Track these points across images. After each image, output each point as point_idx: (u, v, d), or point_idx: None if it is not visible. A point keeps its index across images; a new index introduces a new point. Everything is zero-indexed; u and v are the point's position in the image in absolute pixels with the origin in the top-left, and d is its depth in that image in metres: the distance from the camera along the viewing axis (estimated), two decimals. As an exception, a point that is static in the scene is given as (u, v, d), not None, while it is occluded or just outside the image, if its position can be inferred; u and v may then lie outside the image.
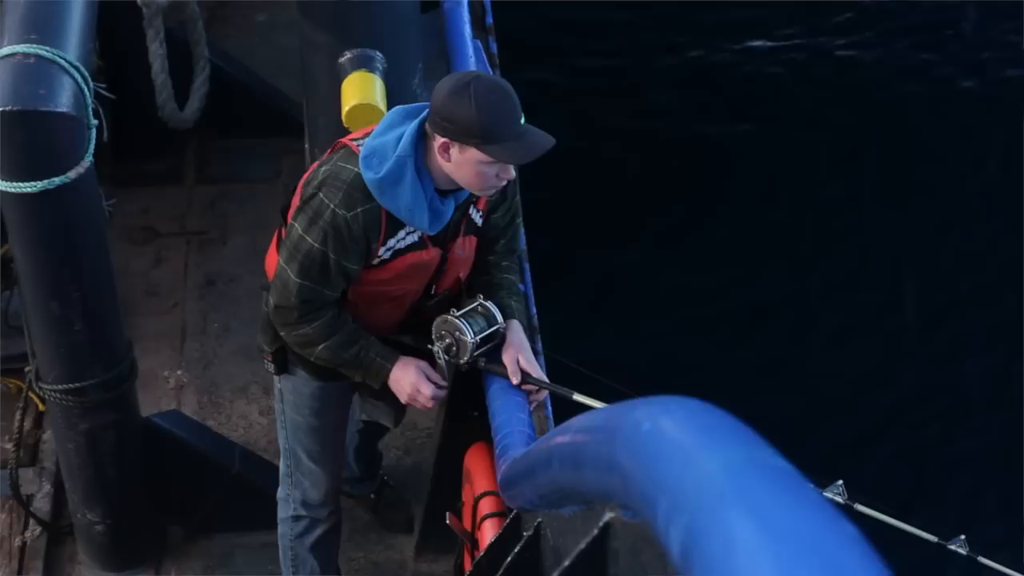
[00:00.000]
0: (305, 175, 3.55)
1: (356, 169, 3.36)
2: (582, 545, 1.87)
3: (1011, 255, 7.15)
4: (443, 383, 3.64)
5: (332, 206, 3.36)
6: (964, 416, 6.73)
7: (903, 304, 7.20)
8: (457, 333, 3.50)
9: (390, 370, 3.61)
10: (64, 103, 3.50)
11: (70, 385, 4.08)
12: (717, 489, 1.15)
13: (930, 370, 6.90)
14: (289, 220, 3.51)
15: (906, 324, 7.12)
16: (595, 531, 1.83)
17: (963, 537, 3.44)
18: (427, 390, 3.61)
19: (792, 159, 7.74)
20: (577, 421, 1.91)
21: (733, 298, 7.10)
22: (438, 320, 3.54)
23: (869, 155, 7.86)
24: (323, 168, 3.45)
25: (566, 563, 1.93)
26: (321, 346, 3.58)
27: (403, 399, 3.66)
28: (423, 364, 3.63)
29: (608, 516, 1.81)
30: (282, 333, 3.65)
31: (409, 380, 3.61)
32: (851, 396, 6.73)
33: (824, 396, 6.68)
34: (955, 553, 3.43)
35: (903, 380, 6.87)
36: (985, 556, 3.45)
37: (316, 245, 3.40)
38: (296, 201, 3.51)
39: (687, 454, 1.25)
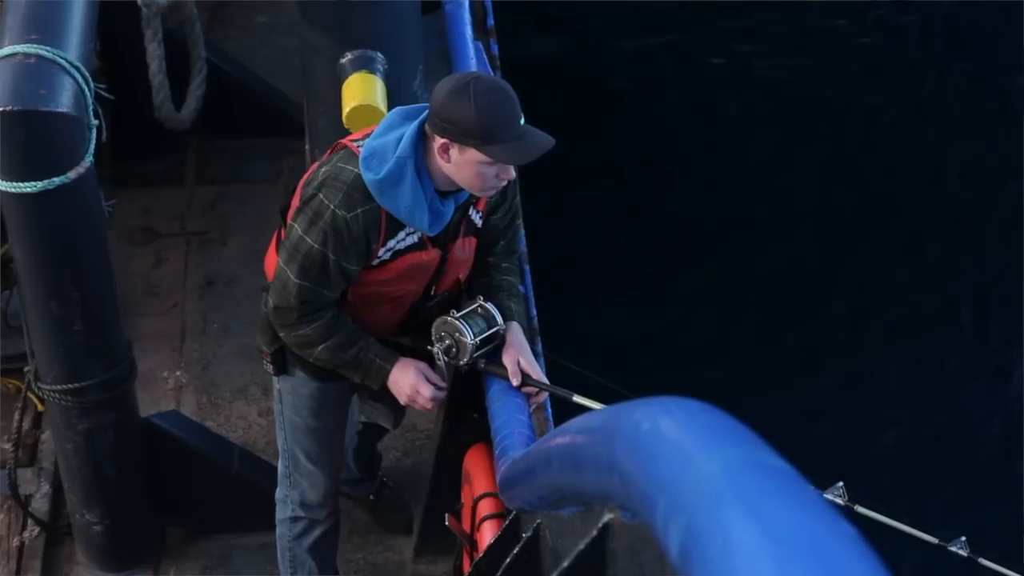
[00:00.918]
0: (305, 176, 3.55)
1: (356, 170, 3.36)
2: (581, 546, 1.87)
3: (1009, 254, 7.13)
4: (442, 384, 3.64)
5: (332, 207, 3.36)
6: (964, 418, 6.73)
7: (900, 305, 7.19)
8: (457, 334, 3.50)
9: (389, 371, 3.61)
10: (65, 103, 3.50)
11: (69, 385, 4.07)
12: (716, 489, 1.15)
13: (928, 372, 6.90)
14: (289, 221, 3.51)
15: (904, 326, 7.11)
16: (594, 532, 1.83)
17: (964, 538, 3.43)
18: (426, 391, 3.60)
19: (793, 164, 7.74)
20: (576, 422, 1.91)
21: (737, 301, 7.10)
22: (438, 321, 3.54)
23: (859, 158, 7.87)
24: (323, 169, 3.45)
25: (565, 564, 1.93)
26: (320, 347, 3.58)
27: (402, 400, 3.66)
28: (422, 365, 3.63)
29: (607, 517, 1.81)
30: (281, 334, 3.64)
31: (408, 381, 3.60)
32: (852, 400, 6.73)
33: (823, 398, 6.68)
34: (956, 555, 3.43)
35: (901, 382, 6.87)
36: (986, 557, 3.45)
37: (316, 246, 3.40)
38: (296, 202, 3.50)
39: (686, 454, 1.24)
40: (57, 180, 3.55)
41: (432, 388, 3.61)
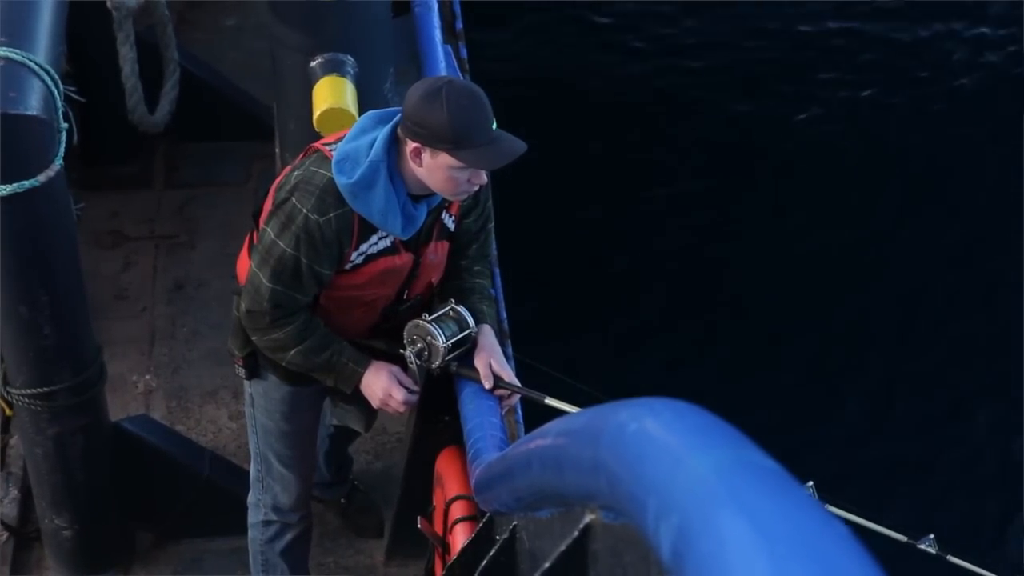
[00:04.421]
0: (277, 179, 3.55)
1: (329, 174, 3.37)
2: (562, 547, 1.87)
3: (1006, 256, 7.16)
4: (415, 388, 3.64)
5: (305, 210, 3.36)
6: (936, 417, 6.76)
7: (884, 303, 7.22)
8: (429, 338, 3.50)
9: (362, 375, 3.62)
10: (34, 106, 3.49)
11: (39, 389, 4.06)
12: (708, 489, 1.16)
13: (900, 373, 6.93)
14: (261, 225, 3.51)
15: (885, 324, 7.14)
16: (575, 533, 1.84)
17: (932, 536, 3.46)
18: (399, 395, 3.61)
19: (770, 163, 7.77)
20: (558, 424, 1.91)
21: (707, 301, 7.12)
22: (410, 325, 3.54)
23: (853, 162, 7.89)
24: (296, 172, 3.45)
25: (546, 565, 1.93)
26: (293, 351, 3.57)
27: (375, 404, 3.67)
28: (395, 369, 3.63)
29: (588, 518, 1.81)
30: (254, 338, 3.64)
31: (381, 385, 3.61)
32: (821, 397, 6.76)
33: (795, 398, 6.69)
34: (925, 552, 3.45)
35: (872, 381, 6.90)
36: (954, 555, 3.47)
37: (288, 250, 3.40)
38: (268, 205, 3.50)
39: (676, 455, 1.25)
40: (27, 183, 3.54)
41: (404, 392, 3.62)
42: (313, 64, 4.40)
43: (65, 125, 3.63)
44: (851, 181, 7.73)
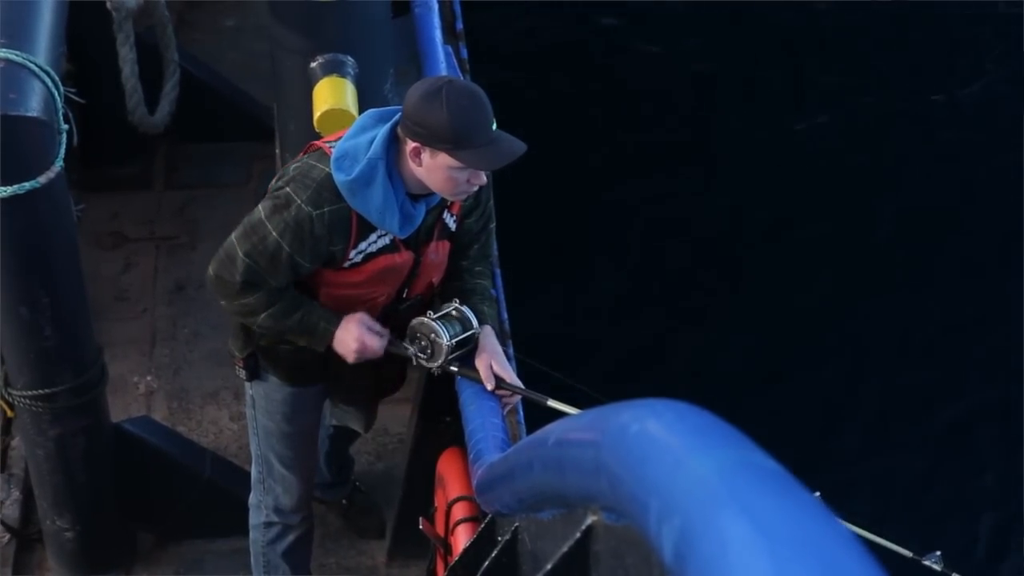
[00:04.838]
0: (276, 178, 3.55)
1: (327, 169, 3.37)
2: (564, 548, 1.87)
3: (1008, 260, 7.15)
4: (385, 332, 3.59)
5: (299, 201, 3.36)
6: (939, 431, 6.72)
7: (886, 305, 7.20)
8: (433, 336, 3.49)
9: (334, 332, 3.58)
10: (34, 108, 3.49)
11: (40, 391, 4.06)
12: (710, 490, 1.16)
13: (904, 384, 6.90)
14: None
15: (887, 330, 7.12)
16: (577, 534, 1.83)
17: (939, 553, 3.41)
18: (372, 342, 3.55)
19: (767, 165, 7.75)
20: (559, 425, 1.91)
21: (708, 304, 7.10)
22: (414, 322, 3.53)
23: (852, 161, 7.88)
24: (294, 166, 3.45)
25: (548, 566, 1.93)
26: (263, 314, 3.53)
27: (350, 358, 3.58)
28: (364, 316, 3.57)
29: (590, 519, 1.81)
30: (222, 303, 3.60)
31: (352, 336, 3.54)
32: (827, 408, 6.73)
33: (799, 407, 6.67)
34: (930, 569, 3.41)
35: (875, 391, 6.87)
36: (960, 572, 3.43)
37: (273, 234, 3.38)
38: (267, 200, 3.50)
39: (678, 456, 1.25)
40: (27, 185, 3.54)
41: (377, 337, 3.57)
42: (313, 65, 4.40)
43: (65, 126, 3.63)
44: (849, 190, 7.68)
